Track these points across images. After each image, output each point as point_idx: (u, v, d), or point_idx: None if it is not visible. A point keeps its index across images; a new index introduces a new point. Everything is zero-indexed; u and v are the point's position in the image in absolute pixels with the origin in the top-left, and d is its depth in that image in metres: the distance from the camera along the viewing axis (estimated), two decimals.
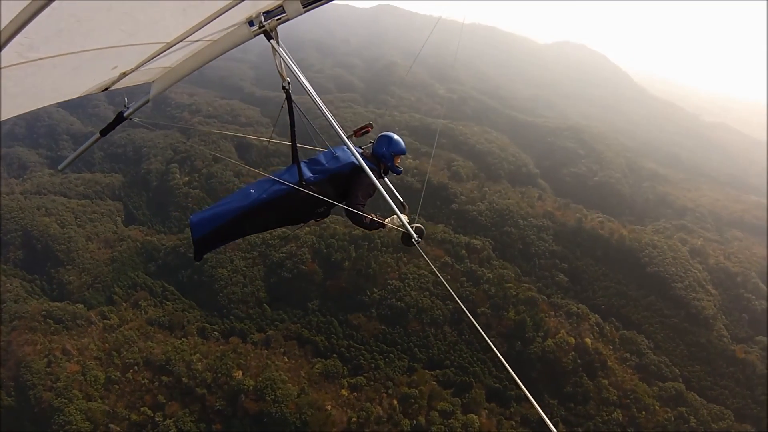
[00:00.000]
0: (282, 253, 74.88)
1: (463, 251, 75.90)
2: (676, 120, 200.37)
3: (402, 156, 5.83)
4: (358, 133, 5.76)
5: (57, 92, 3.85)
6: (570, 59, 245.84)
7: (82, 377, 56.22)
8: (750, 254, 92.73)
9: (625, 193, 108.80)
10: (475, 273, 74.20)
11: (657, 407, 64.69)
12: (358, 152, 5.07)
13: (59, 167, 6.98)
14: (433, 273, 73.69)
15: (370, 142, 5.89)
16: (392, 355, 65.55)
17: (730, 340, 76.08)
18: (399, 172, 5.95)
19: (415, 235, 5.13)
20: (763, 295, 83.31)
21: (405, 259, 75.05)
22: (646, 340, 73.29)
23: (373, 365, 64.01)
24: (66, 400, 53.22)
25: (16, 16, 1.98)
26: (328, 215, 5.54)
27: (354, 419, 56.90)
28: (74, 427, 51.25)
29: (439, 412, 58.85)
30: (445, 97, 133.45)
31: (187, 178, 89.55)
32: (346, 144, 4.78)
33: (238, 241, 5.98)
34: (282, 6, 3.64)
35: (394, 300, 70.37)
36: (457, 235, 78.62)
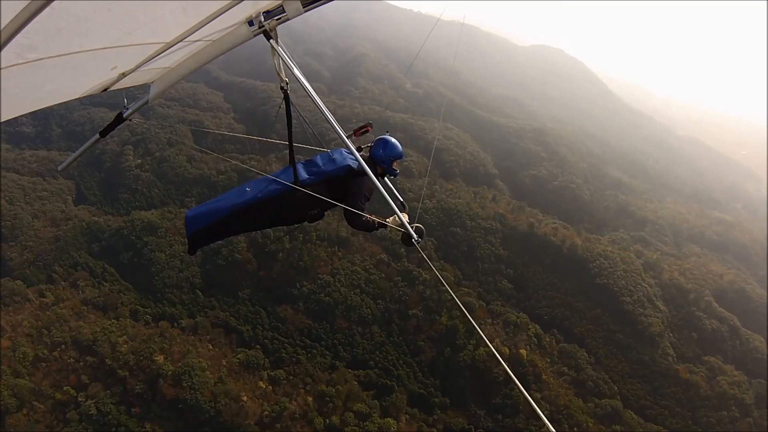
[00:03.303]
0: (222, 240, 67.46)
1: (402, 249, 68.22)
2: (646, 131, 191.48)
3: (399, 159, 5.39)
4: (358, 133, 5.32)
5: (57, 93, 3.69)
6: (546, 63, 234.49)
7: (12, 353, 53.11)
8: (706, 271, 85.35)
9: (585, 200, 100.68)
10: (411, 273, 66.98)
11: (590, 424, 58.76)
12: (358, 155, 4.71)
13: (58, 168, 6.72)
14: (367, 270, 66.45)
15: (368, 145, 5.43)
16: (315, 351, 60.54)
17: (676, 359, 69.90)
18: (395, 175, 5.50)
19: (415, 235, 4.74)
20: (716, 314, 76.39)
21: (339, 254, 68.15)
22: (586, 355, 67.22)
23: (294, 359, 59.29)
24: None
25: (15, 16, 1.86)
26: (321, 217, 5.13)
27: (267, 413, 52.86)
28: (1, 402, 48.43)
29: (355, 414, 54.25)
30: (411, 91, 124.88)
31: (139, 161, 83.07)
32: (346, 145, 4.51)
33: (179, 225, 4.55)
34: (282, 6, 3.40)
35: (322, 295, 64.80)
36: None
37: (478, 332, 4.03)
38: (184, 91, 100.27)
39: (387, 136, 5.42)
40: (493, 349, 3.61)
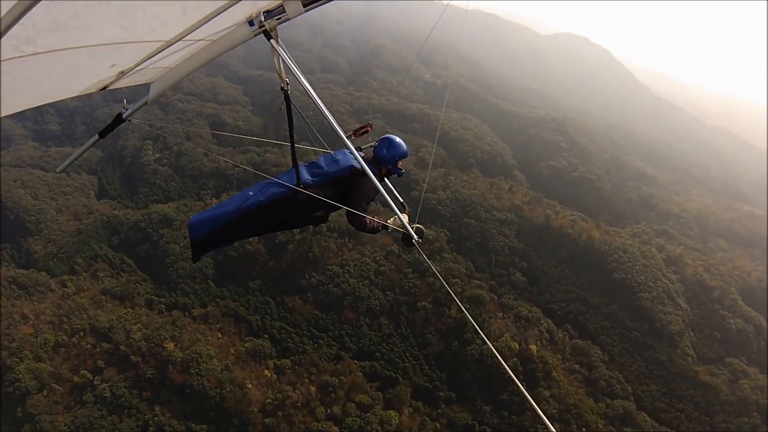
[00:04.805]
0: (227, 246, 66.02)
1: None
2: (675, 121, 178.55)
3: (404, 159, 5.20)
4: (357, 134, 5.08)
5: (55, 89, 3.59)
6: (570, 52, 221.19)
7: (34, 339, 54.64)
8: (732, 267, 78.17)
9: (606, 192, 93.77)
10: (421, 264, 63.64)
11: (600, 425, 54.53)
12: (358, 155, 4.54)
13: (57, 170, 6.87)
14: (376, 261, 63.54)
15: (371, 145, 5.28)
16: (321, 341, 58.79)
17: (696, 360, 64.50)
18: (401, 174, 5.34)
19: (415, 236, 4.61)
20: (741, 313, 70.01)
21: (350, 245, 65.52)
22: (600, 352, 62.70)
23: (300, 349, 57.82)
24: (17, 360, 51.84)
25: (13, 7, 1.82)
26: (326, 220, 5.01)
27: (270, 400, 52.17)
28: (23, 384, 49.89)
29: (357, 405, 52.59)
30: (429, 82, 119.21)
31: (158, 155, 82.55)
32: (346, 145, 4.29)
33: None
34: (282, 5, 3.26)
35: (331, 286, 62.58)
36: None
37: (479, 332, 4.14)
38: (203, 86, 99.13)
39: (391, 135, 5.18)
40: (492, 347, 3.64)
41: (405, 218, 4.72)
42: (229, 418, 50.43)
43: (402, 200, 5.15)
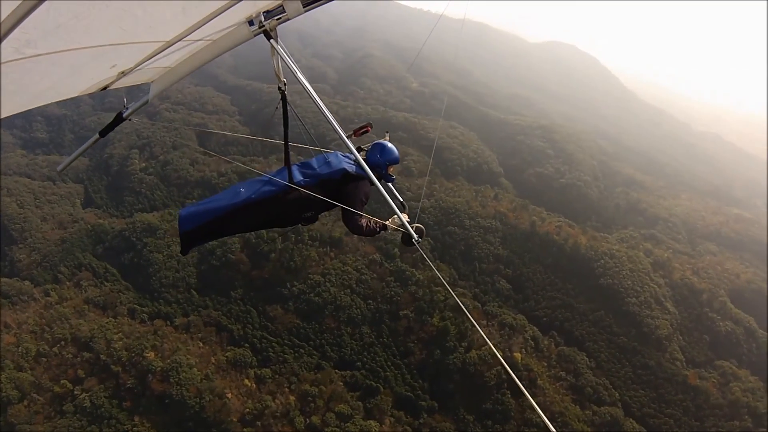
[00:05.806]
0: (215, 240, 65.21)
1: (395, 249, 63.76)
2: (664, 127, 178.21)
3: (394, 165, 5.14)
4: (358, 133, 5.07)
5: (55, 90, 3.53)
6: (558, 59, 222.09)
7: (16, 348, 53.60)
8: (721, 270, 76.92)
9: (593, 198, 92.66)
10: (404, 273, 62.74)
11: None
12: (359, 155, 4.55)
13: (58, 169, 7.47)
14: (358, 270, 62.44)
15: (363, 150, 5.19)
16: (302, 351, 57.81)
17: (685, 364, 63.14)
18: (391, 180, 5.17)
19: (415, 235, 4.63)
20: (730, 315, 68.78)
21: (332, 254, 64.51)
22: (586, 359, 61.56)
23: (281, 358, 56.85)
24: None
25: (14, 10, 1.83)
26: (315, 221, 4.89)
27: (249, 410, 51.29)
28: (3, 393, 49.07)
29: (337, 414, 51.42)
30: (417, 91, 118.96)
31: (144, 164, 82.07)
32: (346, 144, 4.27)
33: (177, 227, 4.71)
34: (282, 5, 3.25)
35: (312, 295, 61.44)
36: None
37: (479, 332, 4.16)
38: (191, 95, 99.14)
39: (383, 141, 5.14)
40: (494, 349, 3.61)
41: (405, 217, 4.68)
42: (208, 428, 49.55)
43: (401, 200, 5.07)
